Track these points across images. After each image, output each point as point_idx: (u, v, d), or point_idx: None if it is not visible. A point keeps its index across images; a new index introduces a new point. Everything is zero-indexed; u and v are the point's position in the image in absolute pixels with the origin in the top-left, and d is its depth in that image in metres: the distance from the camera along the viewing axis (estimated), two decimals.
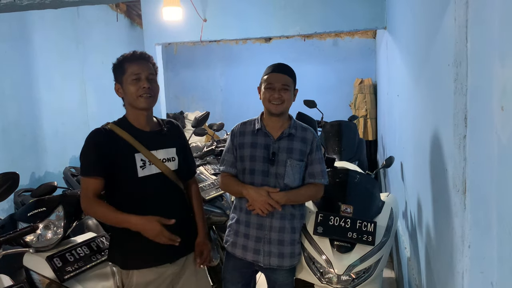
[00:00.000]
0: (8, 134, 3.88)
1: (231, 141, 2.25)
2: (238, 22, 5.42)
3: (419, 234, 2.48)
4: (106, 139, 1.90)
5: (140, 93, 1.90)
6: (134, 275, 1.95)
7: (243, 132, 2.24)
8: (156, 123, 2.07)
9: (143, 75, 1.92)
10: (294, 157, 2.15)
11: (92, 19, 5.47)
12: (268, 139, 2.18)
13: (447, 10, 1.55)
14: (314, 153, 2.20)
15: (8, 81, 3.92)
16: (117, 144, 1.90)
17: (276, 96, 2.11)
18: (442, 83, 1.67)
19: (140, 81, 1.90)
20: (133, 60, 1.93)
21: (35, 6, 1.58)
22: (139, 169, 1.92)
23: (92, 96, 5.40)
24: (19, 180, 1.84)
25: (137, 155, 1.92)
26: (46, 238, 2.16)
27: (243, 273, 2.29)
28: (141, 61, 1.95)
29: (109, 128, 1.94)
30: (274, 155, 2.15)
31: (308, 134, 2.23)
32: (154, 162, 1.95)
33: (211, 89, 8.51)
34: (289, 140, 2.18)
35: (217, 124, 5.11)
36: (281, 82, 2.12)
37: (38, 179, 4.25)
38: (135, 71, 1.91)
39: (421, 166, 2.31)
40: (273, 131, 2.19)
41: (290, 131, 2.18)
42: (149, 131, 2.00)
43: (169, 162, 2.01)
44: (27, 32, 4.24)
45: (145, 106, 1.94)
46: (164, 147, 2.01)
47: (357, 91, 7.10)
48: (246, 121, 2.29)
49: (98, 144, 1.89)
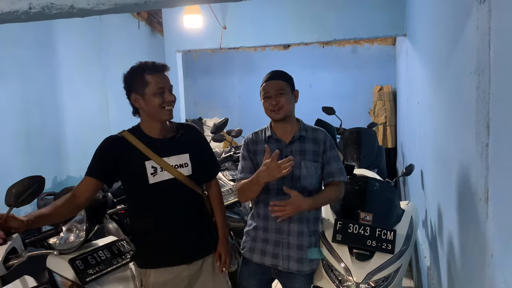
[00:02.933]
0: (31, 139, 3.97)
1: (246, 150, 2.26)
2: (257, 30, 5.46)
3: (439, 243, 2.45)
4: (116, 146, 1.97)
5: (164, 105, 1.94)
6: (152, 274, 2.02)
7: (256, 140, 2.25)
8: (170, 129, 2.09)
9: (167, 88, 1.96)
10: (308, 159, 2.15)
11: (114, 27, 5.57)
12: (280, 145, 2.18)
13: (469, 18, 1.54)
14: (328, 152, 2.19)
15: (33, 87, 4.01)
16: (128, 152, 1.96)
17: (274, 103, 2.12)
18: (464, 90, 1.66)
19: (164, 94, 1.94)
20: (156, 71, 1.95)
21: (63, 15, 1.63)
22: (150, 176, 1.96)
23: (113, 102, 5.48)
24: (45, 183, 1.88)
25: (147, 163, 1.96)
26: (69, 241, 2.20)
27: (260, 280, 2.27)
28: (163, 73, 1.98)
29: (121, 135, 2.00)
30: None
31: (319, 134, 2.22)
32: (166, 169, 1.98)
33: (229, 95, 8.56)
34: (301, 143, 2.18)
35: (236, 131, 5.15)
36: (275, 88, 2.13)
37: (60, 183, 4.33)
38: (159, 83, 1.94)
39: (441, 174, 2.29)
40: (284, 136, 2.20)
41: (301, 134, 2.19)
42: (162, 138, 2.03)
43: (182, 168, 2.03)
44: (51, 40, 4.34)
45: (168, 117, 2.00)
46: (176, 153, 2.03)
47: (376, 98, 7.06)
48: (257, 130, 2.31)
49: (106, 150, 1.97)
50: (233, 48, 6.55)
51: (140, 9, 1.74)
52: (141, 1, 1.57)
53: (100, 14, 1.67)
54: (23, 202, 1.78)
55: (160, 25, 6.51)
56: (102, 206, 2.42)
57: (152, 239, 2.04)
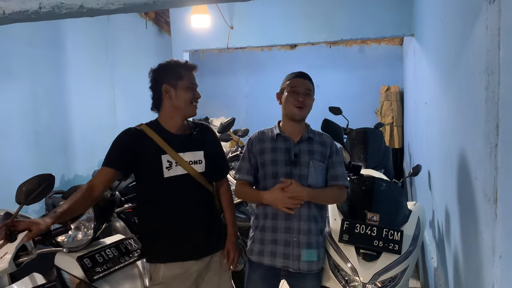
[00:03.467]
0: (40, 137, 4.00)
1: (248, 149, 2.27)
2: (264, 29, 5.46)
3: (446, 243, 2.44)
4: (134, 138, 2.02)
5: (193, 100, 2.05)
6: (161, 269, 2.05)
7: (262, 139, 2.26)
8: (187, 126, 2.15)
9: (196, 86, 2.09)
10: (316, 158, 2.17)
11: (122, 27, 5.59)
12: (288, 143, 2.20)
13: (478, 18, 1.53)
14: (334, 156, 2.23)
15: (42, 86, 4.05)
16: (145, 145, 2.00)
17: (301, 100, 2.14)
18: (473, 91, 1.65)
19: (195, 91, 2.07)
20: (189, 69, 2.08)
21: (73, 15, 1.65)
22: (165, 170, 2.00)
23: (120, 101, 5.51)
24: (55, 182, 1.90)
25: (163, 157, 2.00)
26: (77, 239, 2.22)
27: (269, 284, 2.22)
28: (193, 72, 2.11)
29: (140, 128, 2.05)
30: (296, 156, 2.16)
31: (326, 138, 2.28)
32: (181, 164, 2.02)
33: (236, 95, 8.57)
34: (309, 143, 2.21)
35: (242, 130, 5.15)
36: (305, 87, 2.18)
37: (68, 181, 4.36)
38: (192, 80, 2.07)
39: (449, 175, 2.28)
40: (293, 135, 2.22)
41: (309, 135, 2.22)
42: (179, 134, 2.08)
43: (196, 164, 2.07)
44: (60, 39, 4.37)
45: (193, 113, 2.10)
46: (191, 149, 2.07)
47: (383, 98, 7.03)
48: (264, 129, 2.32)
49: (124, 142, 2.03)
50: (240, 48, 6.55)
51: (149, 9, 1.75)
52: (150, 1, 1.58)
53: (109, 13, 1.69)
54: (33, 200, 1.80)
55: (167, 25, 6.54)
56: (110, 204, 2.44)
57: (163, 233, 2.07)
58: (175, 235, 2.06)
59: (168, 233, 2.06)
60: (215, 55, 8.39)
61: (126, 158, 2.00)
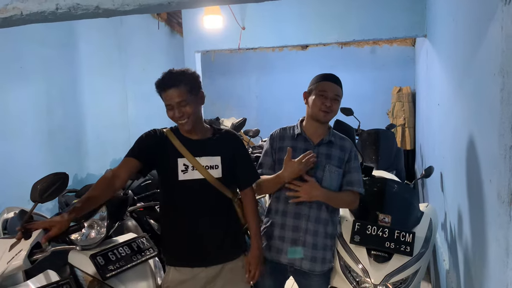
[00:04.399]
0: (54, 137, 4.05)
1: (270, 145, 2.28)
2: (275, 30, 5.46)
3: (459, 246, 2.42)
4: (157, 139, 2.05)
5: (176, 119, 1.99)
6: (171, 272, 2.07)
7: (283, 136, 2.27)
8: (207, 131, 2.13)
9: (172, 106, 1.95)
10: (332, 163, 2.18)
11: (134, 27, 5.64)
12: (308, 144, 2.20)
13: (493, 18, 1.52)
14: (352, 161, 2.23)
15: (55, 86, 4.10)
16: (165, 147, 2.03)
17: (328, 105, 2.14)
18: (487, 92, 1.64)
19: (173, 110, 1.95)
20: (164, 89, 1.95)
21: (88, 15, 1.67)
22: (180, 173, 2.01)
23: (132, 101, 5.56)
24: (69, 180, 1.92)
25: (180, 160, 2.01)
26: (90, 237, 2.25)
27: (276, 279, 2.26)
28: (172, 90, 1.94)
29: (163, 131, 2.08)
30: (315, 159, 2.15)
31: (346, 143, 2.26)
32: (197, 168, 2.01)
33: (247, 96, 8.58)
34: (328, 147, 2.20)
35: (253, 131, 5.17)
36: (334, 92, 2.17)
37: (80, 180, 4.41)
38: (168, 100, 1.95)
39: (462, 177, 2.26)
40: (313, 137, 2.22)
41: (330, 139, 2.22)
42: (197, 139, 2.07)
43: (212, 169, 2.05)
44: (73, 39, 4.42)
45: (184, 129, 2.03)
46: (208, 154, 2.05)
47: (395, 99, 6.99)
48: (286, 126, 2.32)
49: (149, 139, 2.05)
50: (252, 48, 6.57)
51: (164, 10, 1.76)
52: (165, 2, 1.59)
53: (124, 14, 1.70)
54: (48, 198, 1.82)
55: (179, 26, 6.57)
56: (123, 203, 2.47)
57: (175, 236, 2.08)
58: (185, 239, 2.06)
59: (179, 236, 2.07)
60: (226, 55, 8.42)
61: (149, 154, 2.02)
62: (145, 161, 2.01)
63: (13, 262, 1.70)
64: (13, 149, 3.53)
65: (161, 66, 5.97)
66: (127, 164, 1.99)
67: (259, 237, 2.16)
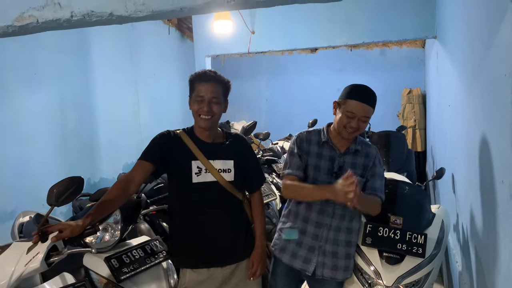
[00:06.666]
0: (67, 141, 4.11)
1: (298, 146, 2.20)
2: (285, 34, 5.49)
3: (472, 247, 2.41)
4: (170, 140, 2.07)
5: (200, 113, 2.03)
6: (187, 273, 2.10)
7: (309, 140, 2.21)
8: (220, 135, 2.17)
9: (203, 99, 2.02)
10: (357, 173, 2.09)
11: (145, 32, 5.70)
12: (333, 152, 2.17)
13: (504, 19, 1.53)
14: (377, 167, 2.20)
15: (69, 91, 4.16)
16: (179, 149, 2.06)
17: (354, 126, 2.06)
18: (498, 93, 1.64)
19: (201, 104, 2.01)
20: (201, 81, 2.04)
21: (102, 22, 1.70)
22: (194, 175, 2.04)
23: (144, 105, 5.61)
24: (84, 184, 1.95)
25: (194, 162, 2.04)
26: (104, 240, 2.27)
27: (291, 281, 2.28)
28: (209, 84, 2.04)
29: (177, 133, 2.10)
30: (340, 169, 2.13)
31: (372, 150, 2.23)
32: (210, 171, 2.05)
33: (257, 99, 8.62)
34: (354, 156, 2.18)
35: (263, 134, 5.18)
36: (363, 114, 2.06)
37: (94, 184, 4.46)
38: (201, 92, 2.02)
39: (474, 178, 2.25)
40: (339, 145, 2.18)
41: (356, 147, 2.18)
42: (211, 142, 2.10)
43: (225, 173, 2.08)
44: (86, 45, 4.49)
45: (203, 126, 2.07)
46: (221, 158, 2.09)
47: (405, 101, 6.97)
48: (311, 130, 2.27)
49: (163, 140, 2.07)
50: (261, 52, 6.60)
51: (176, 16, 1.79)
52: (177, 8, 1.61)
53: (137, 21, 1.74)
54: (63, 201, 1.84)
55: (189, 31, 6.63)
56: (137, 206, 2.49)
57: (189, 239, 2.11)
58: (200, 241, 2.09)
59: (194, 238, 2.10)
60: (236, 59, 8.46)
61: (162, 155, 2.03)
62: (159, 162, 2.03)
63: (31, 265, 1.73)
64: (27, 154, 3.59)
65: (172, 70, 6.05)
66: (141, 167, 2.01)
67: (263, 237, 2.23)
